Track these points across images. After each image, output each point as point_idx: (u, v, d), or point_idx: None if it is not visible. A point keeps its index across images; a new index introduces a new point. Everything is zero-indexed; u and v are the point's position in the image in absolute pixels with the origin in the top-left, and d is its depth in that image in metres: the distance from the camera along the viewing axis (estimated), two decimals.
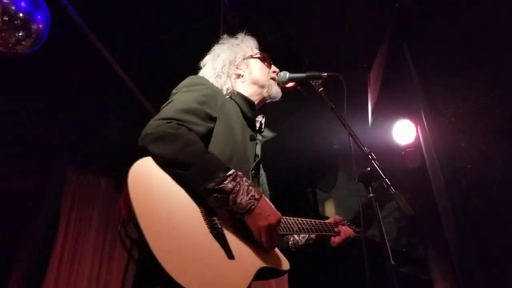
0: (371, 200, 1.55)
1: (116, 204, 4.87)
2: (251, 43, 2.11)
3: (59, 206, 4.59)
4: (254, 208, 1.45)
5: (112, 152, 4.59)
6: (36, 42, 3.06)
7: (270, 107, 2.09)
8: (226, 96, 1.87)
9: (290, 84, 2.06)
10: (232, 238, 1.46)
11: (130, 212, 1.26)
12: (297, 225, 1.83)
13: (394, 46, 3.80)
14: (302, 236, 2.01)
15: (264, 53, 2.09)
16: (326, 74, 1.93)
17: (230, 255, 1.40)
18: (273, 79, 2.04)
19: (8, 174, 4.47)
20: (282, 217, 1.58)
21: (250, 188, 1.47)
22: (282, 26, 4.01)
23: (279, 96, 2.04)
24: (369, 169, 1.58)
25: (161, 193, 1.39)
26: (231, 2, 3.69)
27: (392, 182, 1.51)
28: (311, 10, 3.92)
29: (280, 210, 1.67)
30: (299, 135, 4.99)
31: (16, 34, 2.95)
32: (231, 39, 2.10)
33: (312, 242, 2.01)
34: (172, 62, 3.73)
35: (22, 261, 4.34)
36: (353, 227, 2.17)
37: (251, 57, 2.04)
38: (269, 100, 2.03)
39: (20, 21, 2.92)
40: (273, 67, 2.08)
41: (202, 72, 2.00)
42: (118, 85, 4.01)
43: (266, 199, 1.52)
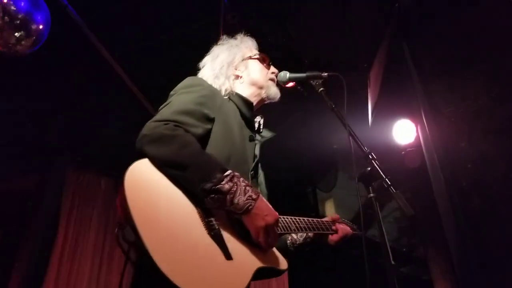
0: (371, 200, 1.55)
1: None
2: (250, 44, 2.10)
3: (59, 206, 4.60)
4: (252, 208, 1.45)
5: (112, 152, 4.59)
6: (36, 42, 3.07)
7: (271, 107, 2.09)
8: (225, 97, 1.87)
9: (290, 84, 2.06)
10: (230, 239, 1.46)
11: (127, 215, 1.26)
12: (295, 224, 1.82)
13: (394, 46, 3.80)
14: (300, 235, 2.01)
15: (263, 54, 2.08)
16: (326, 74, 1.92)
17: (228, 256, 1.39)
18: (272, 80, 2.03)
19: (8, 174, 4.47)
20: (280, 217, 1.57)
21: (247, 189, 1.46)
22: (282, 26, 4.01)
23: (278, 97, 2.03)
24: (369, 169, 1.58)
25: (158, 195, 1.39)
26: (231, 2, 3.69)
27: (392, 182, 1.51)
28: (311, 10, 3.92)
29: (280, 210, 1.67)
30: (299, 135, 4.99)
31: (16, 34, 2.95)
32: (230, 40, 2.09)
33: (310, 241, 2.01)
34: (172, 62, 3.73)
35: (22, 261, 4.34)
36: (351, 225, 2.17)
37: (250, 58, 2.03)
38: (268, 101, 2.03)
39: (20, 21, 2.92)
40: (272, 68, 2.08)
41: (201, 73, 1.99)
42: (118, 85, 4.01)
43: (264, 199, 1.52)
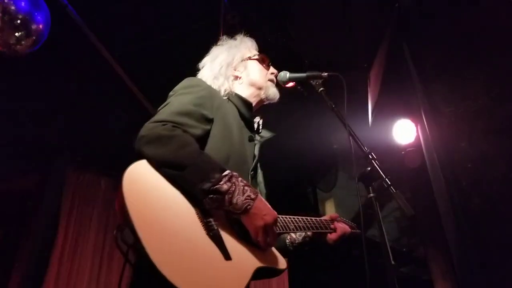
0: (371, 200, 1.55)
1: None
2: (250, 45, 2.10)
3: (59, 206, 4.59)
4: (250, 208, 1.45)
5: (112, 152, 4.58)
6: (36, 42, 3.06)
7: (271, 107, 2.09)
8: (224, 98, 1.86)
9: (290, 84, 2.06)
10: (229, 239, 1.46)
11: (126, 216, 1.26)
12: (293, 224, 1.82)
13: (394, 46, 3.80)
14: (299, 234, 2.01)
15: (263, 55, 2.08)
16: (326, 74, 1.92)
17: (227, 256, 1.39)
18: (271, 81, 2.03)
19: (8, 174, 4.47)
20: (278, 216, 1.57)
21: (246, 188, 1.46)
22: (282, 26, 4.01)
23: (277, 98, 2.03)
24: (369, 169, 1.58)
25: (157, 196, 1.38)
26: (231, 2, 3.69)
27: (392, 182, 1.51)
28: (311, 10, 3.92)
29: (280, 210, 1.67)
30: (299, 135, 4.99)
31: (16, 34, 2.95)
32: (230, 41, 2.09)
33: (309, 240, 2.01)
34: (172, 62, 3.73)
35: (22, 261, 4.34)
36: (350, 223, 2.17)
37: (249, 59, 2.03)
38: (267, 102, 2.03)
39: (20, 21, 2.92)
40: (272, 69, 2.07)
41: (201, 74, 1.99)
42: (118, 85, 4.01)
43: (262, 199, 1.52)
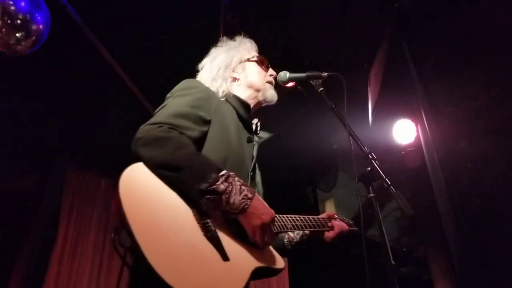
0: (371, 200, 1.55)
1: None
2: (249, 46, 2.09)
3: (59, 206, 4.59)
4: (248, 208, 1.44)
5: (112, 152, 4.58)
6: (36, 42, 3.06)
7: (271, 107, 2.09)
8: (222, 99, 1.86)
9: (290, 84, 2.06)
10: (227, 239, 1.46)
11: (123, 219, 1.25)
12: (291, 222, 1.82)
13: (394, 46, 3.80)
14: (297, 233, 2.01)
15: (262, 56, 2.07)
16: (326, 74, 1.92)
17: (225, 257, 1.39)
18: (270, 83, 2.03)
19: (8, 174, 4.47)
20: (276, 215, 1.57)
21: (243, 188, 1.46)
22: (282, 26, 4.01)
23: (275, 100, 2.03)
24: (369, 169, 1.58)
25: (153, 199, 1.38)
26: (231, 2, 3.69)
27: (392, 182, 1.51)
28: (311, 10, 3.92)
29: (280, 210, 1.67)
30: (299, 135, 4.99)
31: (16, 34, 2.95)
32: (229, 42, 2.09)
33: (307, 238, 2.01)
34: (172, 62, 3.73)
35: (22, 261, 4.34)
36: (347, 221, 2.17)
37: (248, 61, 2.02)
38: (265, 104, 2.02)
39: (20, 21, 2.92)
40: (270, 71, 2.06)
41: (200, 75, 1.99)
42: (118, 85, 4.01)
43: (259, 198, 1.52)
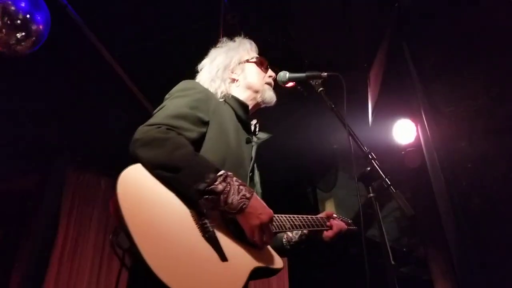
0: (371, 200, 1.55)
1: None
2: (248, 47, 2.09)
3: (59, 206, 4.60)
4: (246, 207, 1.44)
5: (112, 152, 4.57)
6: (36, 42, 3.06)
7: (271, 107, 2.08)
8: (220, 100, 1.86)
9: (290, 84, 2.06)
10: (225, 240, 1.46)
11: (121, 221, 1.25)
12: (289, 222, 1.82)
13: (394, 46, 3.80)
14: (295, 233, 2.01)
15: (261, 58, 2.07)
16: (326, 74, 1.92)
17: (223, 257, 1.39)
18: (268, 84, 2.02)
19: (8, 174, 4.47)
20: (274, 215, 1.58)
21: (241, 188, 1.46)
22: (282, 26, 4.01)
23: (273, 101, 2.02)
24: (369, 169, 1.58)
25: (151, 200, 1.38)
26: (231, 2, 3.69)
27: (392, 182, 1.51)
28: (311, 10, 3.92)
29: (280, 210, 1.66)
30: (299, 135, 4.99)
31: (16, 34, 2.95)
32: (229, 43, 2.09)
33: (305, 238, 2.01)
34: (172, 62, 3.73)
35: (22, 261, 4.35)
36: (346, 220, 2.17)
37: (247, 62, 2.02)
38: (264, 105, 2.02)
39: (20, 22, 2.92)
40: (270, 72, 2.06)
41: (199, 76, 1.99)
42: (118, 85, 4.01)
43: (258, 198, 1.52)
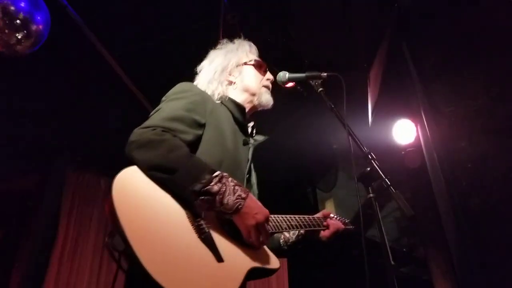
0: (371, 200, 1.55)
1: None
2: (247, 49, 2.08)
3: (59, 206, 4.59)
4: (241, 207, 1.45)
5: (112, 152, 4.56)
6: (36, 42, 3.06)
7: (271, 108, 2.09)
8: (217, 102, 1.86)
9: (290, 84, 2.06)
10: (221, 240, 1.46)
11: (117, 224, 1.25)
12: (286, 223, 1.82)
13: (394, 46, 3.80)
14: (293, 233, 2.01)
15: (260, 60, 2.06)
16: (326, 74, 1.92)
17: (219, 258, 1.39)
18: (266, 87, 2.02)
19: (8, 174, 4.47)
20: (270, 216, 1.57)
21: (236, 188, 1.46)
22: (282, 26, 4.01)
23: (270, 105, 2.02)
24: (369, 169, 1.58)
25: (147, 202, 1.38)
26: (231, 2, 3.69)
27: (392, 182, 1.51)
28: (311, 10, 3.92)
29: (280, 210, 1.66)
30: (299, 135, 4.99)
31: (16, 35, 2.95)
32: (229, 45, 2.08)
33: (302, 238, 2.01)
34: (172, 62, 3.73)
35: (22, 261, 4.35)
36: (342, 220, 2.17)
37: (245, 64, 2.02)
38: (260, 108, 2.02)
39: (20, 22, 2.92)
40: (268, 75, 2.06)
41: (198, 78, 1.99)
42: (118, 85, 4.01)
43: (253, 197, 1.52)
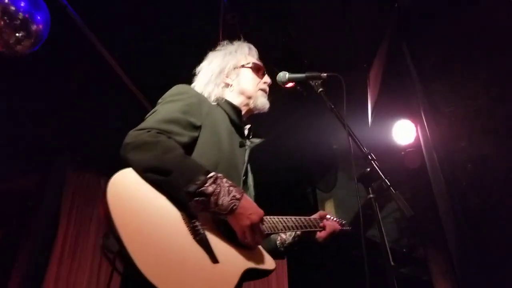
0: (371, 201, 1.55)
1: None
2: (246, 51, 2.08)
3: (59, 206, 4.60)
4: (236, 208, 1.45)
5: (112, 152, 4.56)
6: (36, 42, 3.06)
7: (270, 108, 2.08)
8: (213, 103, 1.86)
9: (290, 84, 2.06)
10: (216, 242, 1.46)
11: (111, 225, 1.25)
12: (282, 224, 1.82)
13: (394, 46, 3.80)
14: (289, 234, 2.00)
15: (258, 63, 2.05)
16: (326, 75, 1.91)
17: (215, 259, 1.39)
18: (263, 90, 2.02)
19: (8, 174, 4.47)
20: (266, 217, 1.57)
21: (231, 189, 1.46)
22: (282, 26, 4.01)
23: (266, 108, 2.01)
24: (369, 170, 1.58)
25: (142, 204, 1.38)
26: (231, 2, 3.69)
27: (392, 183, 1.51)
28: (311, 10, 3.92)
29: (279, 210, 1.66)
30: (299, 135, 4.99)
31: (16, 34, 2.95)
32: (228, 46, 2.08)
33: (298, 239, 2.01)
34: (172, 62, 3.73)
35: (22, 261, 4.35)
36: (339, 220, 2.17)
37: (243, 67, 2.01)
38: (256, 111, 2.01)
39: (20, 21, 2.92)
40: (265, 78, 2.05)
41: (196, 79, 1.99)
42: (118, 85, 4.01)
43: (248, 198, 1.52)
